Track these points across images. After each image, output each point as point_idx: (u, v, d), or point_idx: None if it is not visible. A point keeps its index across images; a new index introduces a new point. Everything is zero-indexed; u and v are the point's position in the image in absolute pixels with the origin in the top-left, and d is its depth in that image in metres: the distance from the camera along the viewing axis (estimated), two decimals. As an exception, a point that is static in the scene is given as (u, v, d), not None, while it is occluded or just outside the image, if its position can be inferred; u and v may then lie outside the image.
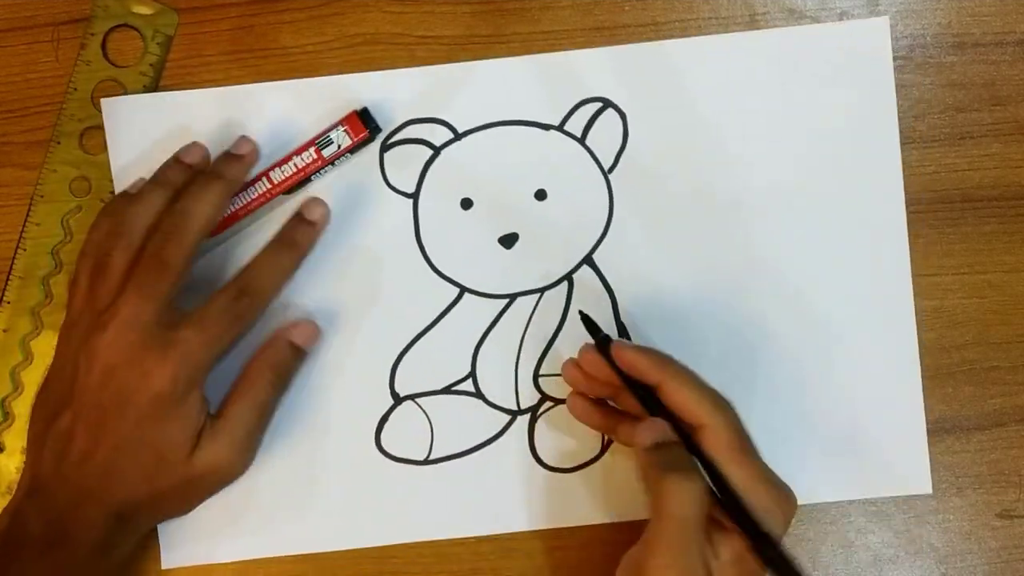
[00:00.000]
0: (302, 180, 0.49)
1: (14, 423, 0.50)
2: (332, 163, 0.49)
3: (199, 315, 0.45)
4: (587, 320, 0.47)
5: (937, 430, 0.51)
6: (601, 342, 0.46)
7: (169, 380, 0.44)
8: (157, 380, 0.44)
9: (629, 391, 0.45)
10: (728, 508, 0.42)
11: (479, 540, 0.51)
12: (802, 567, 0.41)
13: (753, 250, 0.50)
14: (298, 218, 0.49)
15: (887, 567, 0.51)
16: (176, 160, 0.48)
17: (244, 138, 0.49)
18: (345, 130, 0.48)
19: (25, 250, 0.51)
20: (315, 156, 0.48)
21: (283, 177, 0.48)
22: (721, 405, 0.43)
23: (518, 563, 0.51)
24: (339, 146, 0.48)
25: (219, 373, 0.47)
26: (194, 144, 0.49)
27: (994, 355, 0.51)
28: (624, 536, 0.50)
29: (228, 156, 0.48)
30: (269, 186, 0.48)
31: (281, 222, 0.49)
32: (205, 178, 0.47)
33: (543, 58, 0.50)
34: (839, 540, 0.51)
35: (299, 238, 0.48)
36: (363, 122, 0.49)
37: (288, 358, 0.48)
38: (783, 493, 0.43)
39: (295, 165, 0.48)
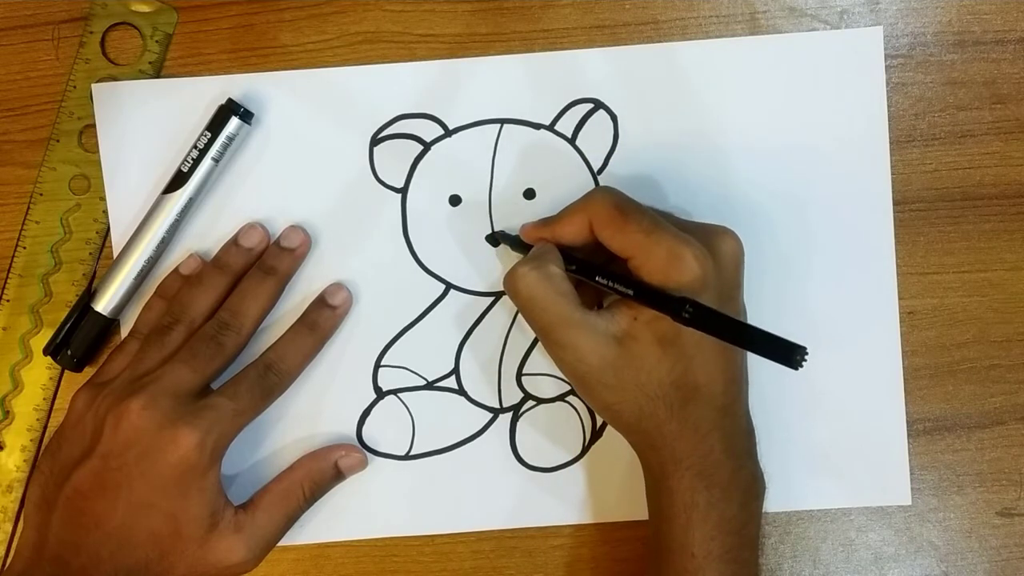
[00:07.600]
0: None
1: (14, 421, 0.50)
2: (211, 151, 0.48)
3: (231, 386, 0.46)
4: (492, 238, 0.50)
5: (938, 428, 0.51)
6: (494, 240, 0.50)
7: (195, 445, 0.44)
8: (184, 444, 0.44)
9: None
10: (605, 278, 0.44)
11: (479, 538, 0.51)
12: (720, 313, 0.40)
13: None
14: (320, 302, 0.49)
15: (888, 565, 0.51)
16: (235, 244, 0.49)
17: (294, 228, 0.50)
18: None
19: (24, 248, 0.50)
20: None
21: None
22: (596, 191, 0.46)
23: (518, 561, 0.51)
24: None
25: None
26: (251, 228, 0.49)
27: (995, 353, 0.51)
28: (626, 534, 0.50)
29: (280, 250, 0.49)
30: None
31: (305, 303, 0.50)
32: (260, 274, 0.48)
33: (535, 57, 0.50)
34: (840, 539, 0.51)
35: (320, 321, 0.49)
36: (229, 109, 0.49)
37: (329, 478, 0.49)
38: (701, 233, 0.44)
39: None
